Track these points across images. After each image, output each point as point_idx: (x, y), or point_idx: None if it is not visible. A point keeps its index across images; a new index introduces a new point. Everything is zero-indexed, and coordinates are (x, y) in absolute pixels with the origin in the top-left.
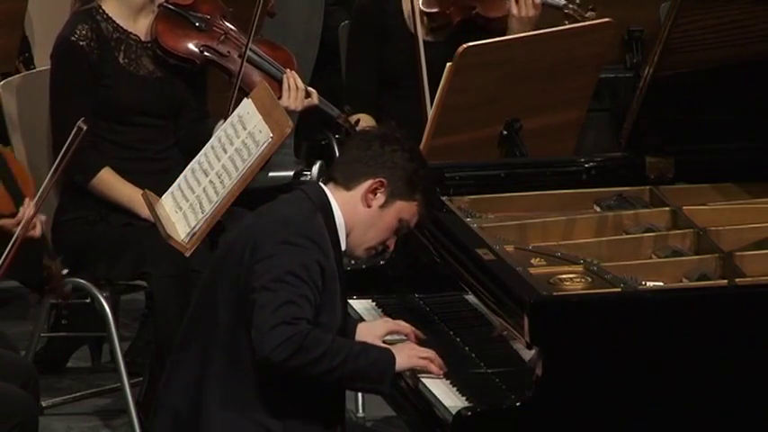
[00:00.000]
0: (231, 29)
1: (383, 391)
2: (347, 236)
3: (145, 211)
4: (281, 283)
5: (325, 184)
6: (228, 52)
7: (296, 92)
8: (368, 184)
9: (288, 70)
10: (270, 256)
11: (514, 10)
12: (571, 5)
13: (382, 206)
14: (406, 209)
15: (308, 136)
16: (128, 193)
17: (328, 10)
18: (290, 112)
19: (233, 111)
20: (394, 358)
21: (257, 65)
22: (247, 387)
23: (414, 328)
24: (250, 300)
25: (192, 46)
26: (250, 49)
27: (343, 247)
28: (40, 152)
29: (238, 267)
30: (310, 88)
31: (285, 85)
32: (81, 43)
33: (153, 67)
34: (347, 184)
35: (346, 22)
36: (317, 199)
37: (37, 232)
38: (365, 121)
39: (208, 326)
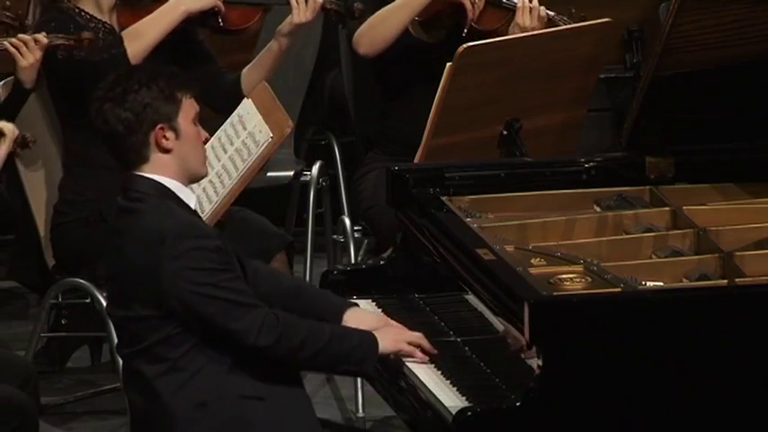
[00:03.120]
0: None
1: (367, 374)
2: (190, 186)
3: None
4: (211, 286)
5: (133, 174)
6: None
7: (305, 3)
8: (152, 141)
9: None
10: (177, 276)
11: (519, 19)
12: (559, 16)
13: (177, 136)
14: (186, 112)
15: (308, 136)
16: (156, 13)
17: None
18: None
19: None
20: (377, 341)
21: (232, 0)
22: (205, 379)
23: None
24: (200, 317)
25: None
26: None
27: (194, 206)
28: (40, 151)
29: (143, 295)
30: None
31: (294, 3)
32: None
33: None
34: (140, 158)
35: None
36: (152, 190)
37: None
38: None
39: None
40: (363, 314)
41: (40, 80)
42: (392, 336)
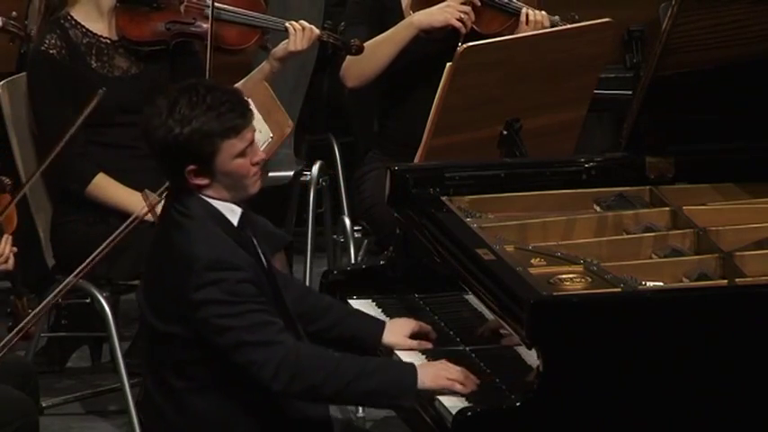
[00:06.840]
0: None
1: (404, 407)
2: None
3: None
4: (229, 317)
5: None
6: (194, 19)
7: (302, 32)
8: (187, 178)
9: (290, 24)
10: (198, 306)
11: (524, 31)
12: (563, 22)
13: (215, 174)
14: (230, 149)
15: (308, 136)
16: (126, 196)
17: (330, 11)
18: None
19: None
20: (416, 375)
21: (230, 20)
22: (211, 405)
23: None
24: (218, 345)
25: (156, 27)
26: (217, 7)
27: (236, 222)
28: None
29: (170, 308)
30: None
31: (291, 30)
32: (51, 51)
33: (127, 65)
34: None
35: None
36: (198, 209)
37: (9, 266)
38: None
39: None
40: (396, 320)
41: None
42: (433, 371)
